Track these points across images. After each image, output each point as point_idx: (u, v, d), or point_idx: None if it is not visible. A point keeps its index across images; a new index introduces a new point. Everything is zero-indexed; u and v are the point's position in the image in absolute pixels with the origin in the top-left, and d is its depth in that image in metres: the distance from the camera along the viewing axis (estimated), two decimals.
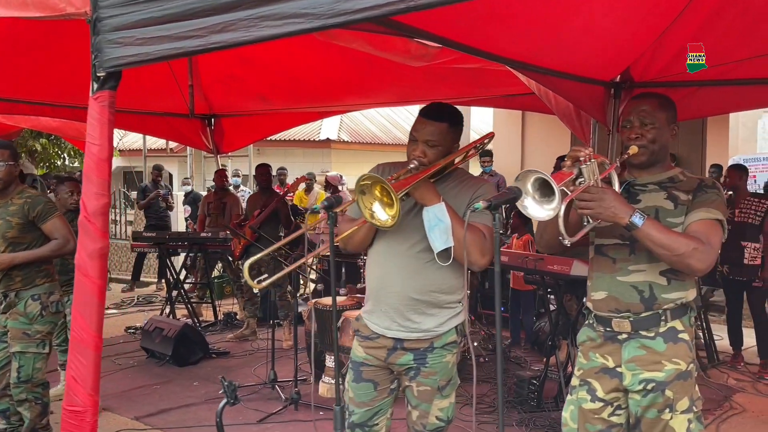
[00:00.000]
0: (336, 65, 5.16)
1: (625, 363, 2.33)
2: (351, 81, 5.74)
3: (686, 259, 2.15)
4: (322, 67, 5.29)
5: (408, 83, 5.54)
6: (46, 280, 3.78)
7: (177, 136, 8.28)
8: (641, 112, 2.35)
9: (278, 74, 5.73)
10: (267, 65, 5.54)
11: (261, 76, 5.82)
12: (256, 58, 5.40)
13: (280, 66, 5.49)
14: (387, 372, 2.67)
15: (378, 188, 2.29)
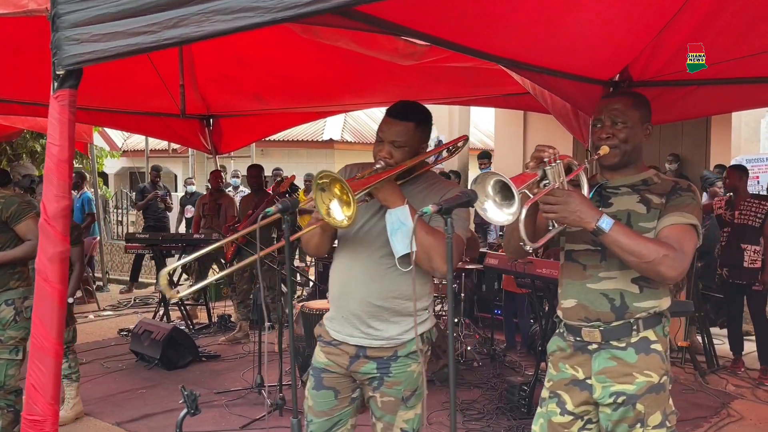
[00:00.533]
0: (330, 65, 5.09)
1: (595, 375, 2.22)
2: (346, 81, 5.68)
3: (656, 267, 2.03)
4: (316, 66, 5.22)
5: (403, 83, 5.47)
6: (20, 283, 3.70)
7: (175, 136, 8.23)
8: (613, 111, 2.24)
9: (273, 74, 5.67)
10: (261, 65, 5.48)
11: (256, 76, 5.76)
12: (251, 58, 5.34)
13: (275, 66, 5.43)
14: (349, 380, 2.58)
15: (338, 186, 2.19)
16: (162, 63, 5.37)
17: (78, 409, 4.58)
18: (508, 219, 1.92)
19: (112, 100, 6.52)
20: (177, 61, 5.39)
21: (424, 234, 2.34)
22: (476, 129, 17.22)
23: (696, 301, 5.88)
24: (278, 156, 15.09)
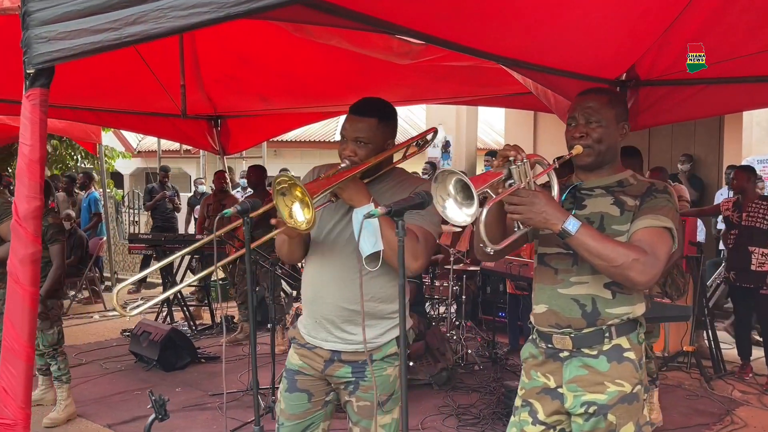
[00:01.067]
0: (333, 64, 5.06)
1: (566, 383, 2.14)
2: (349, 80, 5.63)
3: (625, 271, 1.95)
4: (319, 66, 5.20)
5: (408, 83, 5.42)
6: (2, 285, 3.69)
7: (182, 137, 8.23)
8: (586, 109, 2.15)
9: (277, 74, 5.65)
10: (265, 65, 5.46)
11: (260, 76, 5.74)
12: (255, 58, 5.33)
13: (278, 66, 5.41)
14: (323, 383, 2.53)
15: (298, 190, 2.14)
16: (165, 63, 5.35)
17: (70, 411, 4.57)
18: (466, 220, 1.85)
19: (118, 100, 6.53)
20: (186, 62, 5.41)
21: (391, 231, 2.28)
22: (491, 129, 17.09)
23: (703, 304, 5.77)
24: (291, 156, 15.08)
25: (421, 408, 4.86)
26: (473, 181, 1.82)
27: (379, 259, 2.31)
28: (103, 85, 5.68)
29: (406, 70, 4.69)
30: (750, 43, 3.65)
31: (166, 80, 5.72)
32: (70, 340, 6.76)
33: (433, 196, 1.83)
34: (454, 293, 6.01)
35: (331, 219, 2.47)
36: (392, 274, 2.41)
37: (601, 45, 3.82)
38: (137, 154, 17.40)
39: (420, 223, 2.35)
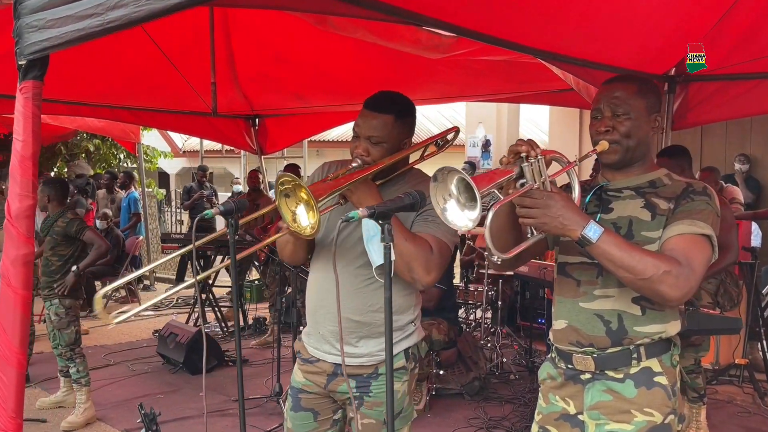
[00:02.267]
0: (369, 62, 4.93)
1: (587, 410, 1.90)
2: (384, 78, 5.47)
3: (655, 285, 1.69)
4: (355, 64, 5.07)
5: (445, 79, 5.25)
6: None
7: (220, 136, 8.20)
8: (613, 100, 1.90)
9: (312, 72, 5.54)
10: (301, 63, 5.36)
11: (295, 74, 5.64)
12: (290, 56, 5.23)
13: (314, 64, 5.31)
14: (329, 401, 2.34)
15: (302, 191, 1.95)
16: (199, 62, 5.25)
17: (89, 414, 4.49)
18: (467, 225, 1.62)
19: (154, 99, 6.49)
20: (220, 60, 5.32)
21: (403, 241, 2.07)
22: (536, 127, 16.69)
23: (757, 314, 5.40)
24: (333, 156, 14.92)
25: (451, 419, 4.64)
26: (478, 180, 1.60)
27: (391, 270, 2.12)
28: (139, 84, 5.64)
29: (443, 66, 4.52)
30: None
31: (200, 79, 5.65)
32: (101, 340, 6.78)
33: (428, 197, 1.61)
34: (489, 298, 5.76)
35: (336, 223, 2.28)
36: (403, 283, 2.21)
37: (647, 37, 3.58)
38: (182, 154, 17.55)
39: (433, 232, 2.14)
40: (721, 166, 8.49)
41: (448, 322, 4.96)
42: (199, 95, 5.80)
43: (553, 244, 2.06)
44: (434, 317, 4.89)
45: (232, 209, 2.04)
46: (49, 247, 4.59)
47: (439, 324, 4.83)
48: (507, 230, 1.89)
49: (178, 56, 5.16)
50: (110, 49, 4.57)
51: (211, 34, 4.74)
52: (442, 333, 4.80)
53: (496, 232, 1.90)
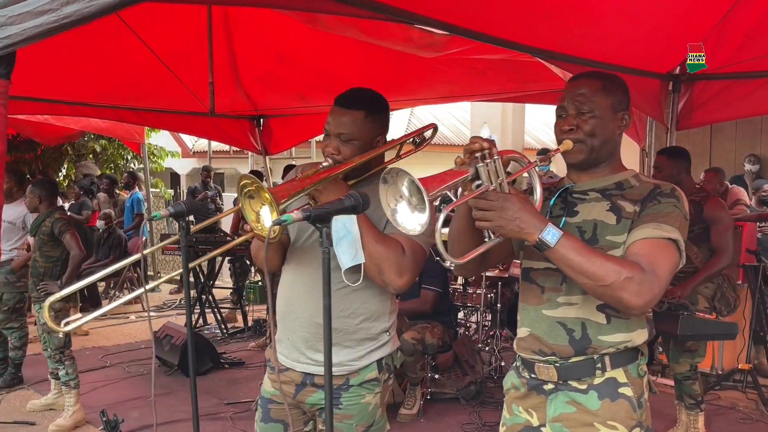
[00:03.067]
0: (371, 62, 4.86)
1: (550, 422, 1.82)
2: (386, 77, 5.40)
3: (617, 292, 1.60)
4: (357, 64, 5.01)
5: (447, 79, 5.18)
6: None
7: (224, 137, 8.17)
8: (578, 97, 1.82)
9: (315, 72, 5.49)
10: (303, 63, 5.31)
11: (298, 74, 5.59)
12: (293, 56, 5.19)
13: (317, 64, 5.26)
14: (299, 412, 2.27)
15: (265, 192, 1.89)
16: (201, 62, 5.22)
17: (78, 417, 4.46)
18: (416, 229, 1.55)
19: (158, 99, 6.48)
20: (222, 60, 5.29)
21: (374, 242, 2.01)
22: (547, 127, 16.55)
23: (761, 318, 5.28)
24: None
25: (444, 424, 4.57)
26: (429, 181, 1.53)
27: (360, 273, 2.05)
28: (143, 84, 5.61)
29: (446, 65, 4.45)
30: None
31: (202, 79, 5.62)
32: (101, 342, 6.76)
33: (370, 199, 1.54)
34: (488, 301, 5.67)
35: (309, 226, 2.21)
36: (377, 288, 2.14)
37: (650, 35, 3.52)
38: (193, 154, 17.58)
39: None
40: (731, 166, 8.35)
41: (443, 326, 4.88)
42: (195, 96, 5.77)
43: (518, 249, 1.99)
44: (428, 320, 4.81)
45: (183, 211, 1.97)
46: (36, 247, 4.58)
47: (433, 327, 4.75)
48: (467, 234, 1.81)
49: (181, 57, 5.14)
50: (113, 50, 4.56)
51: (209, 35, 4.71)
52: (435, 337, 4.72)
53: (455, 235, 1.83)
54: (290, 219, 1.53)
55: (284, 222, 1.55)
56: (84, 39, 4.23)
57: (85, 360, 5.91)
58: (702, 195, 4.24)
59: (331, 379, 1.61)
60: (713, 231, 4.12)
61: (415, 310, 4.82)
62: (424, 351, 4.68)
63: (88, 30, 4.06)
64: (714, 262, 4.07)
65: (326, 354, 1.58)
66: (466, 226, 1.79)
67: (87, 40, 4.26)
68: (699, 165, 5.75)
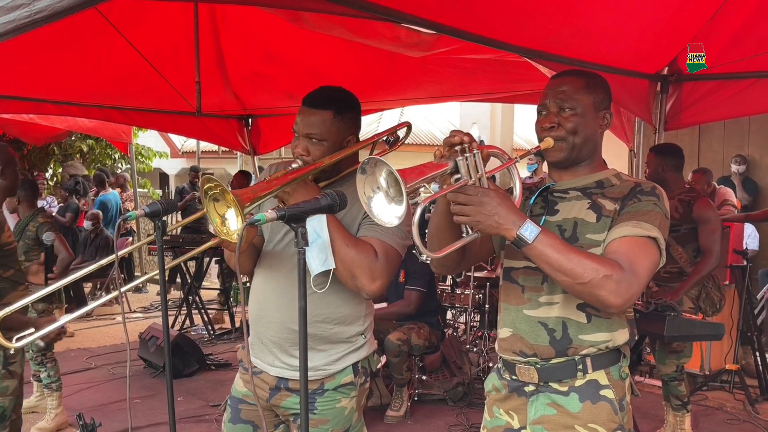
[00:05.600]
0: (361, 61, 4.85)
1: (530, 424, 1.79)
2: (377, 77, 5.40)
3: (595, 290, 1.58)
4: (347, 63, 4.99)
5: (437, 79, 5.18)
6: None
7: (212, 136, 8.10)
8: (559, 95, 1.79)
9: (304, 72, 5.45)
10: (292, 62, 5.28)
11: (287, 73, 5.55)
12: (281, 55, 5.16)
13: (306, 63, 5.23)
14: (271, 414, 2.24)
15: (229, 195, 1.85)
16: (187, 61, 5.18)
17: (60, 420, 4.41)
18: (391, 222, 1.52)
19: (144, 99, 6.43)
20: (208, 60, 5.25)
21: (345, 246, 1.98)
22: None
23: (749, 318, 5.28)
24: None
25: (431, 426, 4.54)
26: (408, 173, 1.50)
27: (328, 279, 2.02)
28: (129, 84, 5.56)
29: (435, 65, 4.44)
30: None
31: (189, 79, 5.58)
32: (86, 343, 6.70)
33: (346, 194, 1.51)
34: (476, 301, 5.66)
35: (281, 228, 2.17)
36: (351, 293, 2.10)
37: (638, 35, 3.52)
38: (182, 154, 17.50)
39: (379, 236, 2.03)
40: (719, 167, 8.35)
41: (430, 326, 4.86)
42: (182, 96, 5.72)
43: (499, 248, 1.96)
44: (415, 321, 4.79)
45: (159, 211, 1.94)
46: (21, 251, 4.50)
47: (420, 328, 4.73)
48: (445, 229, 1.78)
49: (168, 57, 5.09)
50: (99, 49, 4.52)
51: (195, 34, 4.67)
52: (422, 337, 4.70)
53: (433, 230, 1.81)
54: (263, 218, 1.50)
55: (257, 221, 1.51)
56: (69, 38, 4.19)
57: (69, 362, 5.86)
58: (692, 195, 4.24)
59: (306, 383, 1.58)
60: (702, 232, 4.11)
61: (400, 312, 4.80)
62: (410, 352, 4.65)
63: (74, 29, 4.06)
64: (702, 265, 4.07)
65: (302, 357, 1.54)
66: (444, 222, 1.76)
67: (72, 39, 4.23)
68: (688, 166, 5.74)
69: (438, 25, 2.98)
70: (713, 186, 6.62)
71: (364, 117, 7.04)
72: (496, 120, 9.93)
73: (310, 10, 2.78)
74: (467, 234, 1.68)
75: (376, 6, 2.60)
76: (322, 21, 2.97)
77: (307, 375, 1.58)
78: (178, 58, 5.08)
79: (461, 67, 4.42)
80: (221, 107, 6.77)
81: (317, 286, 1.99)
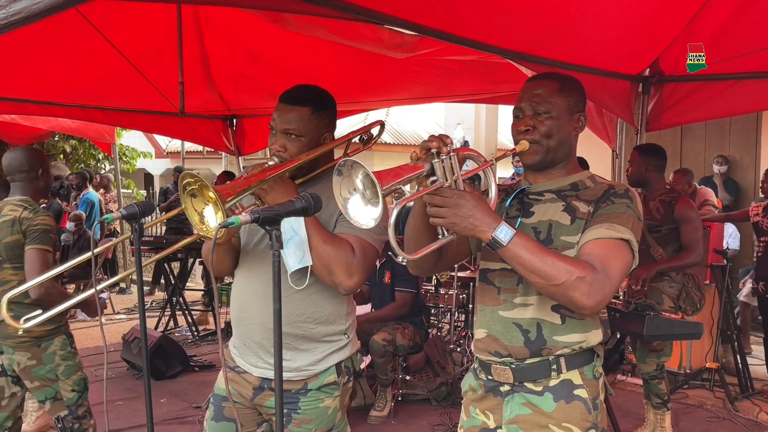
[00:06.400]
0: (344, 62, 4.84)
1: (506, 424, 1.81)
2: (361, 78, 5.40)
3: (569, 292, 1.60)
4: (330, 64, 4.98)
5: (421, 80, 5.18)
6: None
7: (196, 136, 8.06)
8: (534, 98, 1.82)
9: (288, 72, 5.42)
10: (276, 63, 5.27)
11: (270, 74, 5.54)
12: (265, 55, 5.14)
13: (289, 64, 5.21)
14: (254, 413, 2.25)
15: (209, 191, 1.85)
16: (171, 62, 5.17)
17: (42, 423, 4.38)
18: (368, 223, 1.54)
19: (128, 99, 6.40)
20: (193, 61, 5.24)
21: (321, 243, 1.99)
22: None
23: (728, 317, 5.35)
24: None
25: (414, 426, 4.56)
26: (384, 175, 1.52)
27: (306, 276, 2.03)
28: (113, 84, 5.54)
29: (419, 66, 4.44)
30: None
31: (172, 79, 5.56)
32: None
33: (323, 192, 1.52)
34: (460, 301, 5.68)
35: (259, 229, 2.18)
36: (331, 291, 2.12)
37: (619, 37, 3.53)
38: (166, 155, 17.43)
39: (356, 232, 2.04)
40: (700, 167, 8.43)
41: (414, 327, 4.88)
42: (165, 96, 5.70)
43: (476, 249, 1.99)
44: (400, 322, 4.80)
45: (136, 213, 1.94)
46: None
47: (404, 328, 4.75)
48: (422, 231, 1.80)
49: (151, 57, 5.07)
50: (81, 49, 4.49)
51: (179, 33, 4.66)
52: (407, 338, 4.71)
53: (410, 232, 1.83)
54: (237, 221, 1.51)
55: (231, 225, 1.52)
56: (51, 38, 4.16)
57: None
58: (673, 195, 4.29)
59: (281, 382, 1.59)
60: (684, 230, 4.16)
61: (394, 315, 4.83)
62: (395, 352, 4.67)
63: (56, 29, 4.04)
64: (684, 256, 4.12)
65: (276, 356, 1.56)
66: (421, 223, 1.78)
67: (54, 39, 4.20)
68: (670, 166, 5.79)
69: (420, 26, 2.99)
70: (694, 186, 6.69)
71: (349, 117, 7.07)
72: (481, 120, 9.98)
73: (292, 12, 2.79)
74: (443, 236, 1.70)
75: (358, 8, 2.61)
76: (305, 22, 2.98)
77: (282, 374, 1.58)
78: (161, 59, 5.06)
79: (445, 68, 4.43)
80: (205, 108, 6.74)
81: (295, 283, 2.00)
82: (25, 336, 3.19)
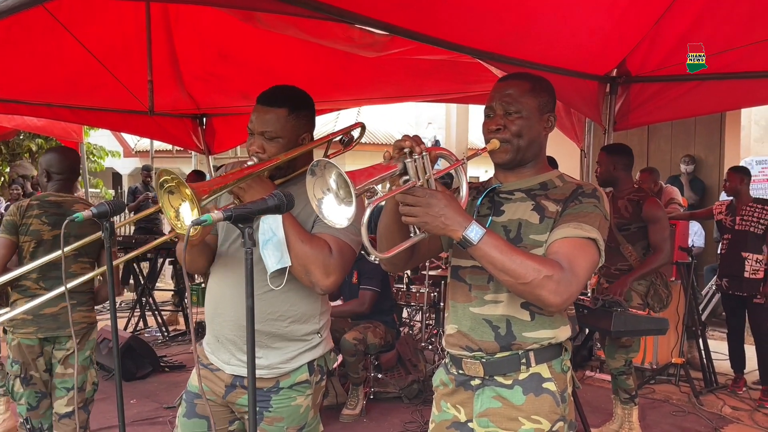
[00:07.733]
0: (315, 61, 4.82)
1: (476, 417, 1.84)
2: (332, 78, 5.38)
3: (536, 290, 1.64)
4: (301, 63, 4.96)
5: (393, 80, 5.19)
6: None
7: (165, 135, 7.98)
8: (505, 98, 1.85)
9: (258, 71, 5.40)
10: (246, 62, 5.24)
11: (241, 73, 5.50)
12: (235, 54, 5.10)
13: (260, 63, 5.18)
14: (226, 410, 2.25)
15: (186, 188, 1.85)
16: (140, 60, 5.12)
17: (8, 425, 4.32)
18: (342, 223, 1.56)
19: (96, 97, 6.32)
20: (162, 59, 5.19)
21: (300, 243, 2.00)
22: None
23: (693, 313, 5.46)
24: None
25: (387, 424, 4.58)
26: (357, 174, 1.54)
27: (284, 277, 2.04)
28: (80, 82, 5.46)
29: (390, 65, 4.45)
30: (747, 34, 3.40)
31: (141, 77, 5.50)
32: None
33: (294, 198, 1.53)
34: (431, 299, 5.72)
35: (235, 228, 2.18)
36: (306, 290, 2.13)
37: (586, 38, 3.58)
38: (135, 154, 17.24)
39: (333, 232, 2.05)
40: (667, 166, 8.58)
41: (385, 325, 4.90)
42: (133, 95, 5.65)
43: (448, 246, 2.01)
44: (371, 320, 4.82)
45: (107, 212, 1.93)
46: None
47: (375, 327, 4.77)
48: (394, 229, 1.82)
49: (120, 55, 5.02)
50: (47, 46, 4.43)
51: (147, 32, 4.61)
52: (378, 336, 4.73)
53: (383, 230, 1.85)
54: (210, 219, 1.51)
55: (204, 222, 1.52)
56: (17, 35, 4.10)
57: None
58: (640, 195, 4.35)
59: (254, 380, 1.59)
60: (652, 230, 4.22)
61: (354, 311, 4.84)
62: (366, 351, 4.69)
63: (21, 26, 3.98)
64: (652, 260, 4.17)
65: (249, 354, 1.56)
66: (393, 222, 1.81)
67: (21, 36, 4.14)
68: (637, 165, 5.88)
69: (391, 26, 3.00)
70: (660, 185, 6.80)
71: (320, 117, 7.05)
72: (452, 119, 10.03)
73: (263, 10, 2.79)
74: (415, 234, 1.72)
75: (329, 6, 2.62)
76: (276, 21, 2.98)
77: (255, 372, 1.59)
78: (130, 57, 5.01)
79: (416, 67, 4.46)
80: (175, 106, 6.68)
81: (273, 283, 2.01)
82: (84, 323, 3.38)
